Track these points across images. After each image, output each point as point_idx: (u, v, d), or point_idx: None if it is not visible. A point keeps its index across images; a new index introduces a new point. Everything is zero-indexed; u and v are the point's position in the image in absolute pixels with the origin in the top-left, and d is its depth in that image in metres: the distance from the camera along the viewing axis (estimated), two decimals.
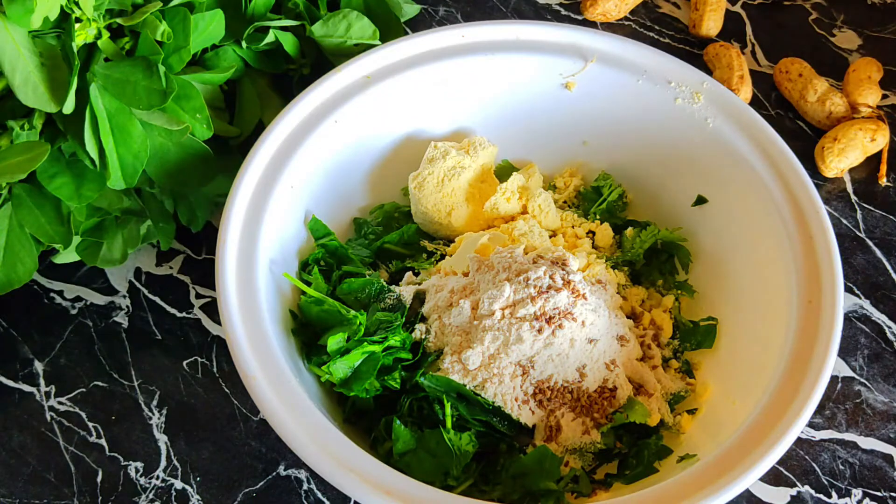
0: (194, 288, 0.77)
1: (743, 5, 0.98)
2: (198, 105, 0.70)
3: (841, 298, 0.63)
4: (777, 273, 0.67)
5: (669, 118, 0.75)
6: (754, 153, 0.71)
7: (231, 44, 0.78)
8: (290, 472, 0.69)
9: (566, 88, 0.77)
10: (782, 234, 0.67)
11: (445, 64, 0.76)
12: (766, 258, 0.69)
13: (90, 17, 0.66)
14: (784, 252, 0.67)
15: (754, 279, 0.69)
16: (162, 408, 0.72)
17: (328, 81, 0.73)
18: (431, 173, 0.74)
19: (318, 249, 0.71)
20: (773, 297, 0.66)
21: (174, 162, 0.72)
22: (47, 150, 0.65)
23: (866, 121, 0.86)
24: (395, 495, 0.55)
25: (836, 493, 0.69)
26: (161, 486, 0.68)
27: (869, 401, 0.73)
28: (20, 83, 0.64)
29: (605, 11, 0.95)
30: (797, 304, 0.64)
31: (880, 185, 0.85)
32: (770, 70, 0.93)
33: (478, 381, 0.64)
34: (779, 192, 0.69)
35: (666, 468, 0.64)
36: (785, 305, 0.65)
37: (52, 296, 0.77)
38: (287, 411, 0.58)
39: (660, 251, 0.75)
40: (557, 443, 0.64)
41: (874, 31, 0.96)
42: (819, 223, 0.67)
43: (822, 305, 0.63)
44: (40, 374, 0.73)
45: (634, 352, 0.68)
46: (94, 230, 0.72)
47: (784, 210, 0.68)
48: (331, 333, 0.64)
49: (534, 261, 0.67)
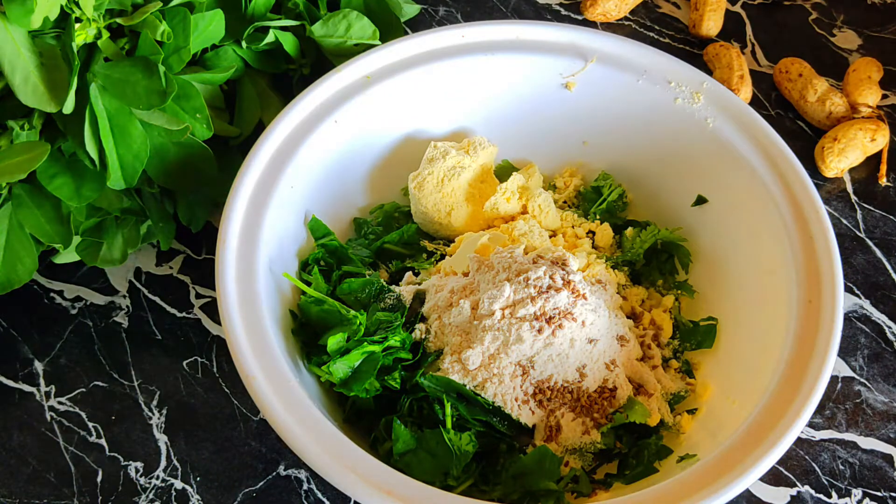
0: (194, 288, 0.77)
1: (743, 5, 0.98)
2: (198, 105, 0.70)
3: (841, 298, 0.63)
4: (777, 273, 0.67)
5: (669, 118, 0.75)
6: (754, 153, 0.71)
7: (231, 44, 0.78)
8: (290, 472, 0.69)
9: (566, 88, 0.77)
10: (782, 234, 0.67)
11: (445, 64, 0.76)
12: (766, 258, 0.69)
13: (90, 17, 0.66)
14: (784, 252, 0.67)
15: (754, 279, 0.69)
16: (162, 408, 0.72)
17: (328, 81, 0.73)
18: (431, 173, 0.74)
19: (318, 249, 0.71)
20: (773, 297, 0.66)
21: (174, 162, 0.72)
22: (47, 150, 0.65)
23: (866, 121, 0.85)
24: (395, 495, 0.55)
25: (836, 493, 0.69)
26: (161, 486, 0.68)
27: (869, 401, 0.73)
28: (20, 83, 0.64)
29: (605, 11, 0.95)
30: (797, 304, 0.64)
31: (880, 185, 0.85)
32: (770, 70, 0.93)
33: (478, 381, 0.64)
34: (779, 193, 0.69)
35: (666, 468, 0.64)
36: (785, 305, 0.65)
37: (52, 296, 0.77)
38: (287, 411, 0.58)
39: (660, 251, 0.75)
40: (557, 443, 0.64)
41: (874, 31, 0.97)
42: (819, 223, 0.67)
43: (822, 305, 0.63)
44: (40, 374, 0.73)
45: (634, 352, 0.68)
46: (94, 230, 0.72)
47: (784, 210, 0.68)
48: (331, 333, 0.64)
49: (534, 261, 0.67)
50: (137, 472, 0.69)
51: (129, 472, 0.69)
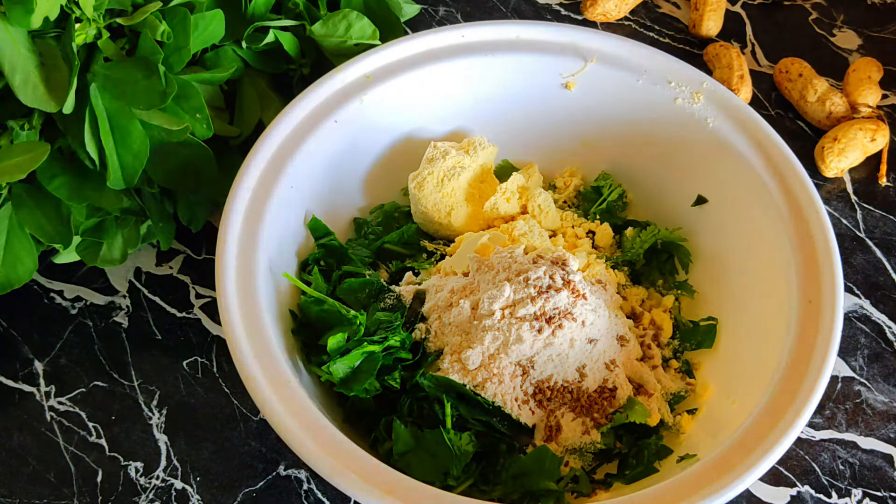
0: (194, 288, 0.77)
1: (743, 5, 0.98)
2: (198, 105, 0.70)
3: (841, 298, 0.63)
4: (777, 273, 0.67)
5: (669, 118, 0.75)
6: (754, 153, 0.71)
7: (231, 44, 0.78)
8: (290, 472, 0.69)
9: (566, 88, 0.77)
10: (782, 234, 0.67)
11: (445, 64, 0.76)
12: (765, 258, 0.69)
13: (90, 17, 0.66)
14: (784, 252, 0.67)
15: (754, 279, 0.69)
16: (162, 408, 0.72)
17: (328, 81, 0.73)
18: (431, 173, 0.74)
19: (318, 249, 0.71)
20: (773, 297, 0.66)
21: (174, 162, 0.72)
22: (47, 150, 0.65)
23: (866, 121, 0.85)
24: (395, 495, 0.55)
25: (836, 493, 0.69)
26: (161, 486, 0.68)
27: (869, 401, 0.73)
28: (20, 83, 0.64)
29: (605, 11, 0.95)
30: (797, 304, 0.64)
31: (880, 185, 0.85)
32: (770, 70, 0.93)
33: (478, 381, 0.64)
34: (779, 193, 0.69)
35: (666, 468, 0.64)
36: (785, 305, 0.65)
37: (52, 296, 0.77)
38: (287, 411, 0.58)
39: (660, 251, 0.75)
40: (557, 443, 0.64)
41: (874, 31, 0.96)
42: (819, 223, 0.67)
43: (822, 305, 0.63)
44: (40, 374, 0.73)
45: (634, 352, 0.68)
46: (94, 230, 0.72)
47: (784, 210, 0.68)
48: (331, 333, 0.64)
49: (534, 261, 0.67)
50: (137, 472, 0.69)
51: (129, 472, 0.69)
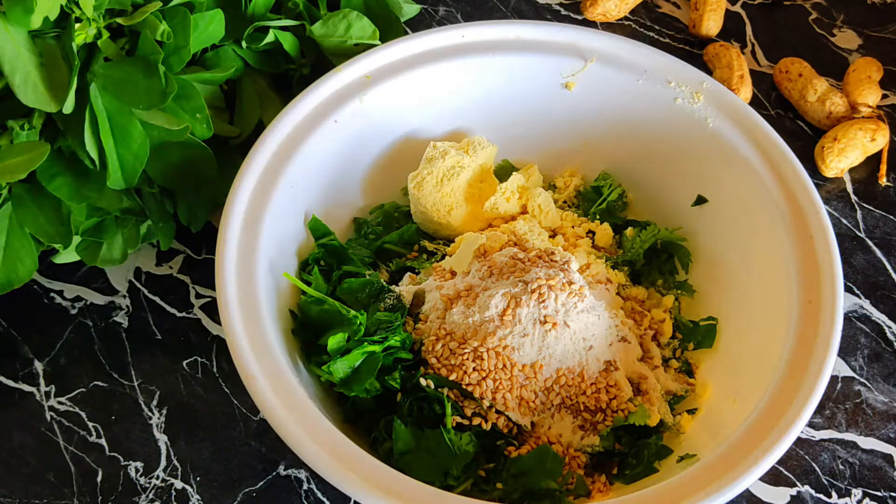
0: (194, 288, 0.77)
1: (743, 5, 0.98)
2: (198, 105, 0.70)
3: (841, 298, 0.63)
4: (777, 273, 0.67)
5: (669, 118, 0.75)
6: (754, 153, 0.71)
7: (231, 44, 0.78)
8: (290, 472, 0.69)
9: (566, 88, 0.77)
10: (782, 234, 0.67)
11: (445, 64, 0.76)
12: (766, 258, 0.69)
13: (90, 17, 0.66)
14: (784, 252, 0.67)
15: (754, 279, 0.69)
16: (162, 408, 0.72)
17: (328, 81, 0.73)
18: (430, 173, 0.74)
19: (318, 249, 0.71)
20: (773, 297, 0.66)
21: (174, 162, 0.72)
22: (47, 150, 0.65)
23: (866, 121, 0.86)
24: (395, 495, 0.55)
25: (836, 493, 0.69)
26: (161, 486, 0.68)
27: (869, 401, 0.73)
28: (20, 83, 0.64)
29: (605, 11, 0.95)
30: (797, 304, 0.64)
31: (880, 185, 0.85)
32: (770, 70, 0.93)
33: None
34: (779, 193, 0.69)
35: (666, 468, 0.64)
36: (785, 305, 0.65)
37: (52, 296, 0.77)
38: (287, 411, 0.58)
39: (660, 251, 0.75)
40: (558, 443, 0.64)
41: (874, 31, 0.97)
42: (819, 223, 0.67)
43: (822, 305, 0.63)
44: (40, 374, 0.73)
45: (634, 352, 0.68)
46: (94, 230, 0.72)
47: (784, 210, 0.68)
48: (331, 333, 0.64)
49: (533, 261, 0.67)
50: (137, 472, 0.69)
51: (129, 471, 0.69)
